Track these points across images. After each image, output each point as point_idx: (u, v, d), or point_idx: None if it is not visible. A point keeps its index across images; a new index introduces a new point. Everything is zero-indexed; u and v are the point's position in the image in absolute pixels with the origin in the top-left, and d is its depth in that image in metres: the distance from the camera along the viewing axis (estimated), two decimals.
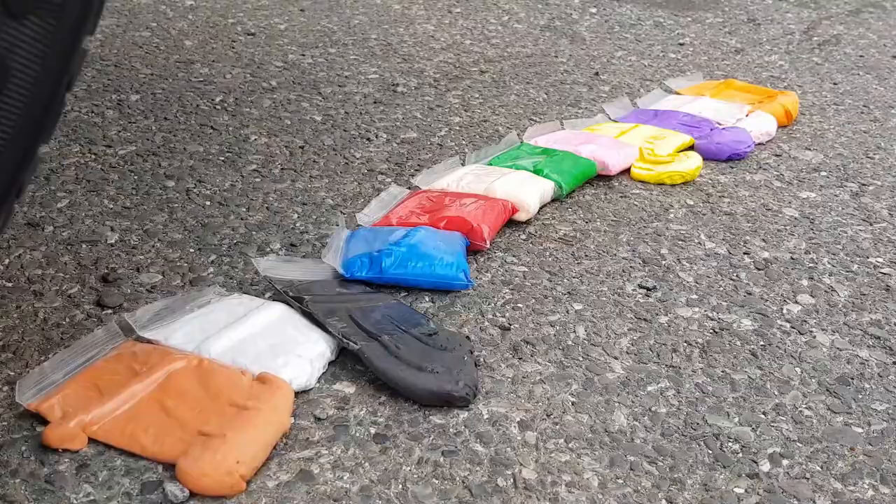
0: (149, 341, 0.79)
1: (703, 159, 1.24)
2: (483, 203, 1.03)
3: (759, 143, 1.32)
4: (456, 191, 1.09)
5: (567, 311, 0.90)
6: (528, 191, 1.07)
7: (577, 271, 0.97)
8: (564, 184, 1.11)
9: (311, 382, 0.77)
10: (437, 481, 0.68)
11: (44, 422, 0.72)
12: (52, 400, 0.71)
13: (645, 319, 0.89)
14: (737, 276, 0.97)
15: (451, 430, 0.73)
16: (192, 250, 0.98)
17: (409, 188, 1.12)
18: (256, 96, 1.44)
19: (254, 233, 1.02)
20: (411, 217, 1.01)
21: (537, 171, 1.13)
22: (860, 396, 0.79)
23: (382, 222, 1.02)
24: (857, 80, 1.60)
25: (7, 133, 0.60)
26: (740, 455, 0.72)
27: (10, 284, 0.90)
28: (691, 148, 1.27)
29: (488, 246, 0.99)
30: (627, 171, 1.21)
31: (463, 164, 1.19)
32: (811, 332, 0.88)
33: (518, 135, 1.28)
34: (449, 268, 0.90)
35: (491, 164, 1.18)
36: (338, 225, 1.01)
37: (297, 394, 0.76)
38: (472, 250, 0.99)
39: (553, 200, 1.12)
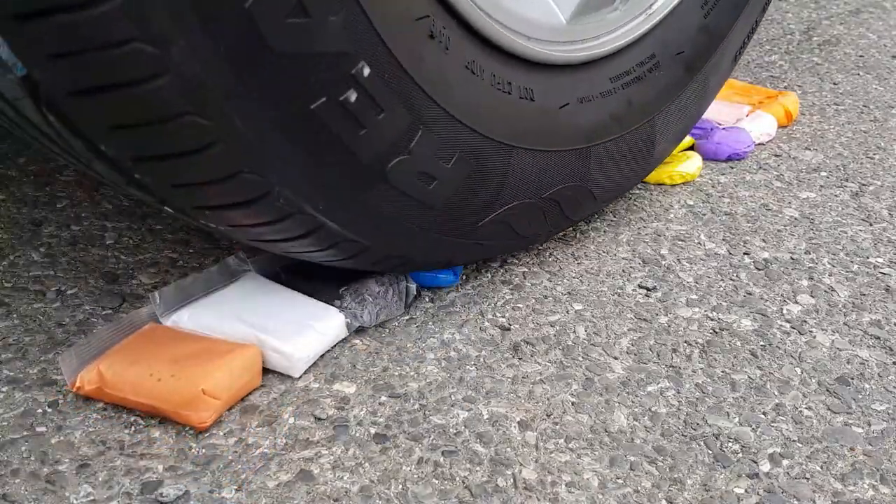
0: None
1: (703, 159, 1.24)
2: None
3: (759, 144, 1.32)
4: None
5: (567, 311, 0.90)
6: None
7: (577, 271, 0.97)
8: None
9: (312, 354, 0.79)
10: (437, 481, 0.68)
11: (44, 422, 0.72)
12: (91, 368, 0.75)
13: (645, 319, 0.89)
14: (737, 276, 0.97)
15: (451, 430, 0.73)
16: (192, 250, 0.98)
17: None
18: None
19: None
20: None
21: None
22: (860, 396, 0.79)
23: None
24: (857, 80, 1.60)
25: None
26: (740, 455, 0.72)
27: (10, 284, 0.90)
28: (691, 148, 1.27)
29: None
30: None
31: None
32: (811, 332, 0.88)
33: None
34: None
35: None
36: None
37: (298, 391, 0.76)
38: None
39: None
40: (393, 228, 0.76)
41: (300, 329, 0.80)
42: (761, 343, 0.86)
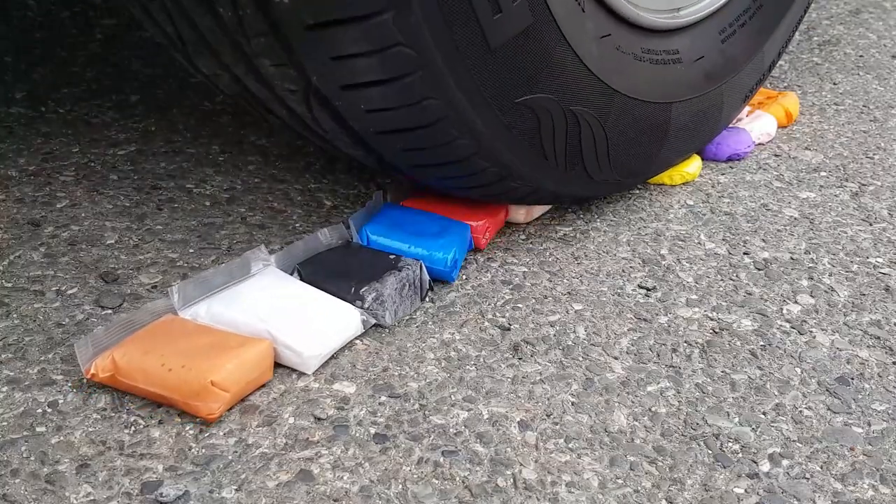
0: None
1: (703, 159, 1.24)
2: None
3: (759, 144, 1.32)
4: None
5: (567, 311, 0.90)
6: None
7: (577, 271, 0.97)
8: None
9: (326, 351, 0.80)
10: (437, 481, 0.68)
11: (44, 422, 0.72)
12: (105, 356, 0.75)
13: (645, 319, 0.89)
14: (737, 276, 0.97)
15: (451, 430, 0.73)
16: (192, 250, 0.98)
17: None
18: None
19: (254, 233, 1.03)
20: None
21: None
22: (860, 396, 0.79)
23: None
24: (857, 80, 1.60)
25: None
26: (740, 455, 0.72)
27: (10, 284, 0.90)
28: None
29: (484, 245, 0.99)
30: None
31: None
32: (811, 332, 0.88)
33: None
34: (441, 259, 0.92)
35: None
36: (373, 199, 1.02)
37: (298, 391, 0.76)
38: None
39: None
40: (447, 51, 0.78)
41: (314, 326, 0.80)
42: (761, 343, 0.86)
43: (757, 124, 1.33)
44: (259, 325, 0.79)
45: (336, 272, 0.87)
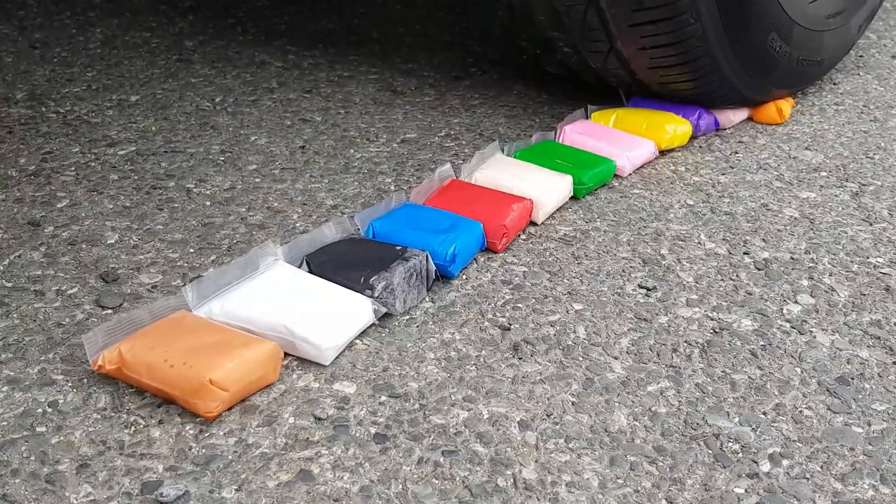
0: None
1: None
2: (513, 207, 1.02)
3: (724, 129, 1.37)
4: (486, 186, 1.08)
5: (567, 311, 0.90)
6: (549, 190, 1.07)
7: (577, 271, 0.97)
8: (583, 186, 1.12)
9: (342, 342, 0.81)
10: (437, 481, 0.68)
11: (44, 422, 0.72)
12: (113, 349, 0.76)
13: (645, 319, 0.89)
14: (737, 276, 0.97)
15: (451, 430, 0.73)
16: (192, 250, 0.98)
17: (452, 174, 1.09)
18: (256, 96, 1.44)
19: (254, 233, 1.03)
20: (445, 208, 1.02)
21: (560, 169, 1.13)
22: (860, 396, 0.79)
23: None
24: (857, 80, 1.60)
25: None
26: (740, 455, 0.72)
27: (10, 284, 0.90)
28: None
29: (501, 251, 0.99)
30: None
31: (503, 151, 1.17)
32: (811, 332, 0.88)
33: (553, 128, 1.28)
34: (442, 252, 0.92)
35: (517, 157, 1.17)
36: (389, 196, 1.02)
37: (298, 391, 0.76)
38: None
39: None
40: None
41: (329, 318, 0.81)
42: (761, 343, 0.86)
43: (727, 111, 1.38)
44: (274, 319, 0.79)
45: (344, 263, 0.88)
